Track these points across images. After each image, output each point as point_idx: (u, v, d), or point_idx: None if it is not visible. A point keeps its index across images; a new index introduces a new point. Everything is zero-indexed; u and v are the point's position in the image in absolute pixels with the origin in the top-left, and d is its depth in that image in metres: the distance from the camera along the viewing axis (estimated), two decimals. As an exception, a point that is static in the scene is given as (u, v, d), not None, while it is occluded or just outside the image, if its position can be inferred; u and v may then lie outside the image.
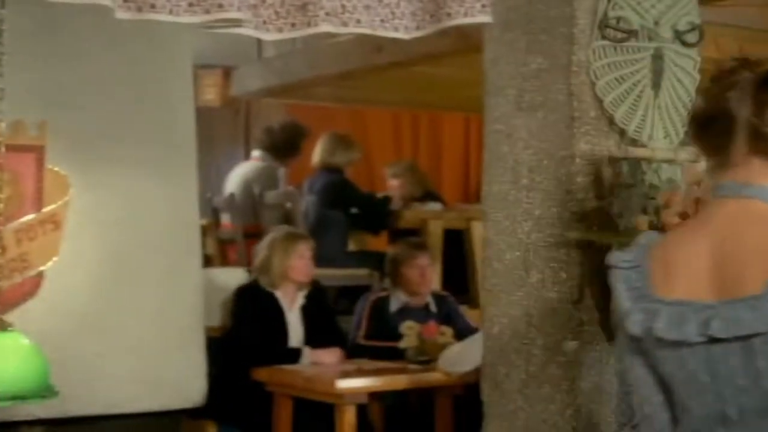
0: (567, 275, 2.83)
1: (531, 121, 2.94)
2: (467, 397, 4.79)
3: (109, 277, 4.73)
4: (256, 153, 7.04)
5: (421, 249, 5.53)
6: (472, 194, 7.90)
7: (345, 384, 4.58)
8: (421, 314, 5.32)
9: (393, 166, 7.81)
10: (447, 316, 5.41)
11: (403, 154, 9.05)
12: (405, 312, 5.35)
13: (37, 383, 3.33)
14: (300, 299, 5.29)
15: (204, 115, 7.76)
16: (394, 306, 5.41)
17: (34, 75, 4.55)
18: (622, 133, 2.88)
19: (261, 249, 5.34)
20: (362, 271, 6.38)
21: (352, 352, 5.37)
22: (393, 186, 7.56)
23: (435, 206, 6.97)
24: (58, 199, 4.58)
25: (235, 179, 6.87)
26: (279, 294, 5.23)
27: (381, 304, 5.43)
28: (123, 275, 4.76)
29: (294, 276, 5.21)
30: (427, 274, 5.44)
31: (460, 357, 4.68)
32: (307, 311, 5.29)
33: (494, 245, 3.03)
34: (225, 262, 6.66)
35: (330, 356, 5.06)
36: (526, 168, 2.94)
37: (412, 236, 6.09)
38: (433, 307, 5.45)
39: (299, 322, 5.28)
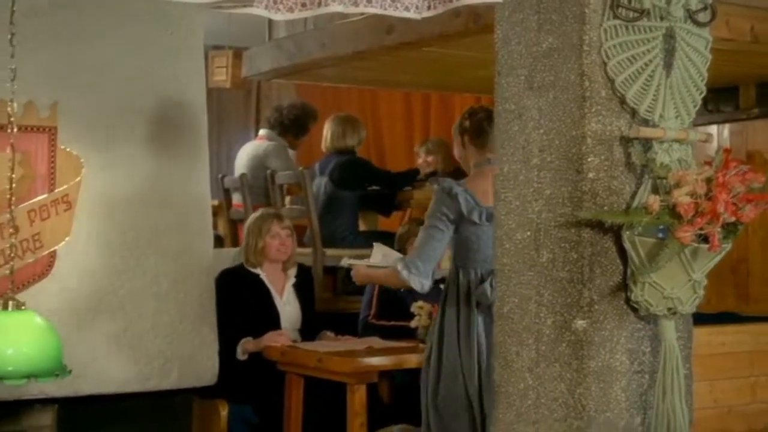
0: (577, 255, 2.83)
1: (542, 101, 2.93)
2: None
3: (121, 257, 4.76)
4: (262, 132, 7.04)
5: None
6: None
7: (356, 364, 4.60)
8: (431, 293, 5.33)
9: (426, 143, 7.84)
10: None
11: (414, 134, 9.05)
12: (414, 290, 5.35)
13: (50, 362, 3.35)
14: (291, 278, 5.32)
15: (215, 96, 7.80)
16: None
17: (45, 56, 4.57)
18: (633, 112, 2.87)
19: (245, 229, 5.41)
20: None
21: (363, 331, 5.39)
22: (426, 163, 7.61)
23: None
24: (71, 179, 4.61)
25: (244, 159, 6.87)
26: (263, 274, 5.26)
27: None
28: (134, 255, 4.78)
29: (270, 255, 5.24)
30: None
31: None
32: (298, 290, 5.32)
33: (505, 225, 3.03)
34: (237, 242, 6.68)
35: (273, 338, 5.06)
36: (537, 148, 2.94)
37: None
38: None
39: (294, 301, 5.29)
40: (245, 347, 5.07)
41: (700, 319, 3.20)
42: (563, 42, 2.90)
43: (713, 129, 6.75)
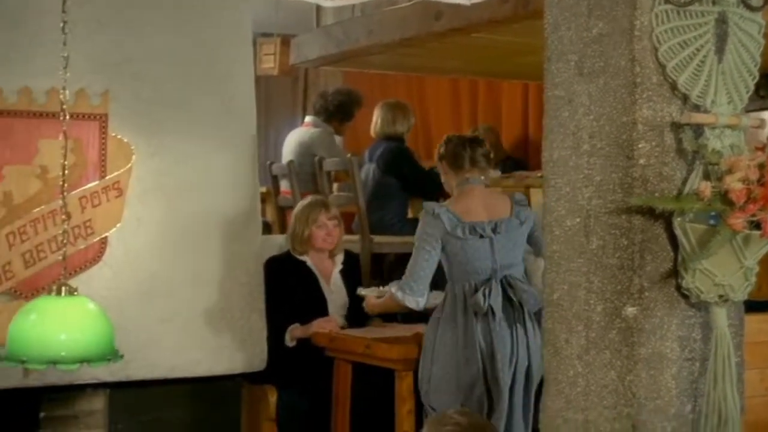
0: (628, 241, 2.81)
1: (592, 87, 2.91)
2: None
3: (171, 243, 4.80)
4: (308, 119, 7.06)
5: None
6: (530, 162, 7.87)
7: (404, 350, 4.61)
8: None
9: (475, 131, 7.83)
10: None
11: (462, 121, 9.03)
12: None
13: (102, 347, 3.38)
14: (338, 265, 5.33)
15: (263, 84, 7.83)
16: None
17: (96, 44, 4.61)
18: (684, 98, 2.84)
19: (292, 217, 5.43)
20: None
21: (408, 318, 5.39)
22: None
23: (493, 173, 6.96)
24: (121, 166, 4.65)
25: (291, 146, 6.89)
26: (310, 261, 5.27)
27: None
28: (184, 241, 4.83)
29: (315, 244, 5.25)
30: None
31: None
32: (345, 277, 5.33)
33: (554, 212, 3.01)
34: (284, 229, 6.71)
35: (321, 325, 5.07)
36: (587, 134, 2.91)
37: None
38: None
39: (341, 287, 5.30)
40: (293, 334, 5.10)
41: (752, 306, 3.17)
42: (614, 27, 2.88)
43: (766, 115, 6.67)
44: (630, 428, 2.80)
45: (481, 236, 4.52)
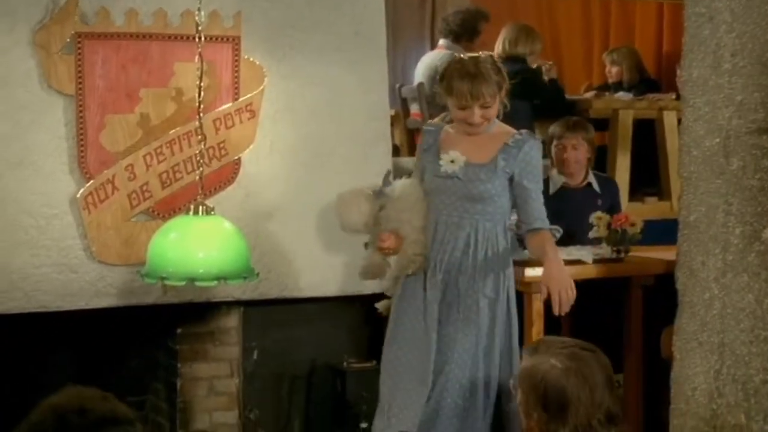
0: (769, 163, 2.75)
1: (735, 3, 2.82)
2: (657, 287, 4.74)
3: (302, 165, 4.84)
4: (441, 42, 7.02)
5: (573, 128, 5.42)
6: (664, 83, 7.70)
7: (534, 273, 4.59)
8: (580, 195, 5.28)
9: (612, 53, 7.72)
10: (611, 202, 5.33)
11: (593, 43, 8.86)
12: (564, 194, 5.28)
13: (238, 265, 3.47)
14: None
15: (390, 6, 7.78)
16: (552, 188, 5.33)
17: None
18: (833, 14, 2.75)
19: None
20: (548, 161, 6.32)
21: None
22: (610, 73, 7.50)
23: (625, 96, 6.84)
24: (254, 88, 4.69)
25: (422, 69, 6.87)
26: None
27: None
28: (316, 162, 4.87)
29: None
30: (571, 155, 5.35)
31: None
32: None
33: (692, 132, 2.95)
34: (413, 151, 6.71)
35: None
36: (728, 52, 2.83)
37: (603, 126, 6.01)
38: (596, 186, 5.36)
39: None
40: None
41: None
42: (759, -60, 2.78)
43: None
44: (767, 352, 2.75)
45: None
